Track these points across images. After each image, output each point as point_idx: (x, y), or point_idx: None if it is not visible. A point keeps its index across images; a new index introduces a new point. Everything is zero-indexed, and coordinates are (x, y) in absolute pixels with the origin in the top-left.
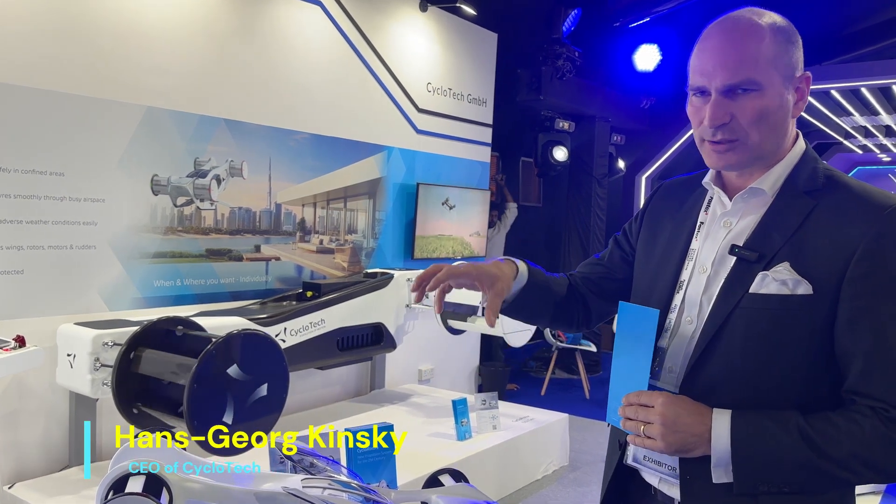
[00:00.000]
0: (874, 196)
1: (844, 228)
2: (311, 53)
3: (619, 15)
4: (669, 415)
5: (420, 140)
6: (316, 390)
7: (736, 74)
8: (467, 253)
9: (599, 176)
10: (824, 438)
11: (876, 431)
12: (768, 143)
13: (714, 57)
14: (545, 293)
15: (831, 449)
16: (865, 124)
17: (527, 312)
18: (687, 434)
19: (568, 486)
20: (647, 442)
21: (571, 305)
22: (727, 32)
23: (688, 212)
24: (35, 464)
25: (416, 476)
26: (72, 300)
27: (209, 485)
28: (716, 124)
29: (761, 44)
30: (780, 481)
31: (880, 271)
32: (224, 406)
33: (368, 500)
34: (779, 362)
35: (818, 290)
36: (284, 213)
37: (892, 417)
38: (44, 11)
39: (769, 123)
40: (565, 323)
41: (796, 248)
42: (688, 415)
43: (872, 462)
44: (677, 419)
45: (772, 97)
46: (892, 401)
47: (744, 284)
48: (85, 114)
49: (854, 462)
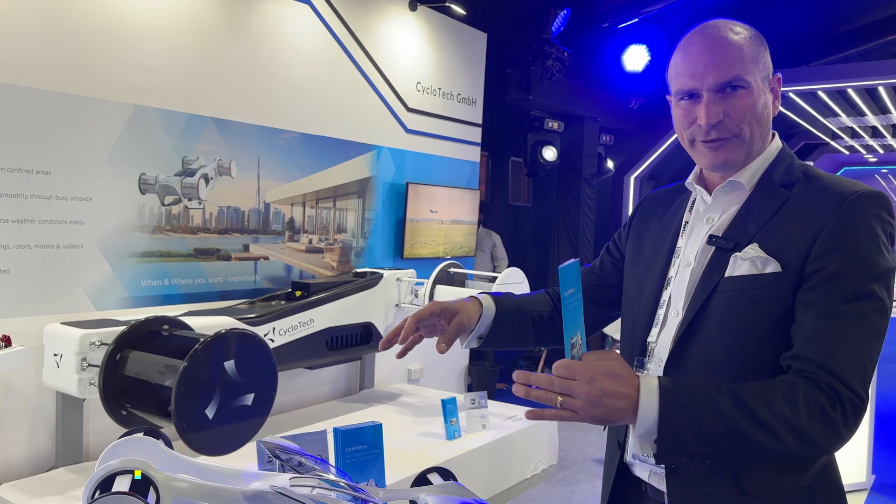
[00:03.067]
0: (842, 184)
1: (812, 213)
2: (301, 52)
3: (608, 15)
4: (594, 388)
5: (409, 139)
6: (305, 390)
7: (726, 73)
8: (456, 253)
9: (588, 176)
10: (754, 401)
11: (805, 395)
12: (756, 139)
13: (702, 58)
14: (520, 316)
15: (760, 412)
16: (852, 125)
17: (508, 339)
18: (611, 408)
19: (557, 485)
20: (565, 414)
21: (556, 320)
22: (711, 36)
23: (673, 214)
24: (21, 464)
25: (404, 475)
26: (58, 299)
27: (196, 484)
28: (711, 122)
29: (743, 45)
30: (704, 449)
31: (841, 249)
32: (212, 406)
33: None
34: (754, 343)
35: (786, 268)
36: (273, 212)
37: (821, 381)
38: (30, 9)
39: (757, 120)
40: (552, 338)
41: (769, 233)
42: (613, 383)
43: (796, 426)
44: (603, 395)
45: (757, 95)
46: (826, 366)
47: (720, 270)
48: (72, 112)
49: (780, 426)
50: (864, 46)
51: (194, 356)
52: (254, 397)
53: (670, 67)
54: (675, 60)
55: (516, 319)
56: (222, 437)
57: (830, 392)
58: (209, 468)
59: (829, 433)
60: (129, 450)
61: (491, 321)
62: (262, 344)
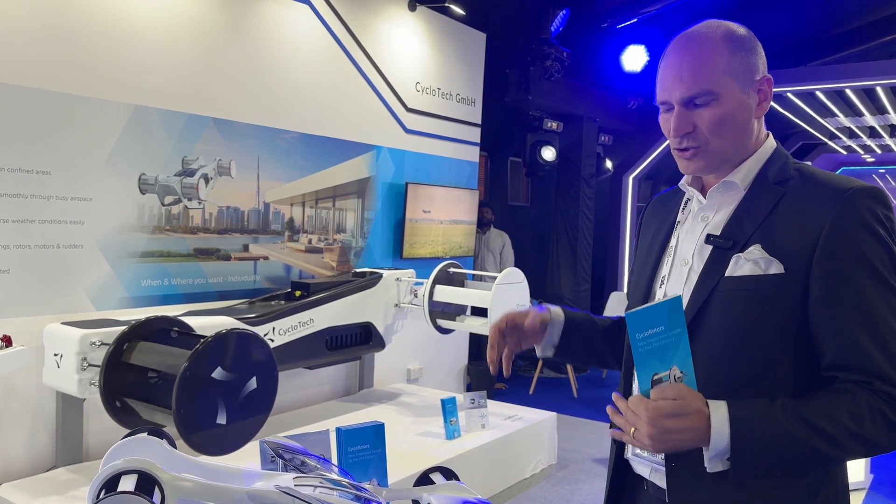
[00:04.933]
0: (837, 181)
1: (810, 211)
2: (300, 52)
3: (607, 16)
4: (656, 428)
5: (409, 139)
6: (305, 390)
7: (691, 87)
8: (455, 253)
9: (587, 176)
10: (819, 420)
11: (867, 404)
12: (730, 146)
13: (671, 72)
14: (590, 326)
15: (825, 429)
16: (850, 125)
17: (581, 349)
18: (681, 441)
19: (556, 485)
20: (640, 443)
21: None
22: (682, 49)
23: (668, 214)
24: (21, 464)
25: (405, 475)
26: (58, 299)
27: (201, 483)
28: (679, 133)
29: (715, 55)
30: (775, 467)
31: (845, 248)
32: (213, 406)
33: (359, 498)
34: (757, 343)
35: (789, 270)
36: (273, 212)
37: (877, 390)
38: (30, 9)
39: (730, 128)
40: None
41: (767, 232)
42: (675, 422)
43: (862, 436)
44: (667, 428)
45: (730, 103)
46: (876, 373)
47: (720, 269)
48: (72, 112)
49: (846, 438)
50: (862, 47)
51: (195, 357)
52: (254, 397)
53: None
54: (658, 70)
55: (586, 328)
56: (223, 437)
57: (888, 398)
58: (213, 468)
59: (895, 436)
60: (133, 450)
61: (561, 328)
62: (263, 344)
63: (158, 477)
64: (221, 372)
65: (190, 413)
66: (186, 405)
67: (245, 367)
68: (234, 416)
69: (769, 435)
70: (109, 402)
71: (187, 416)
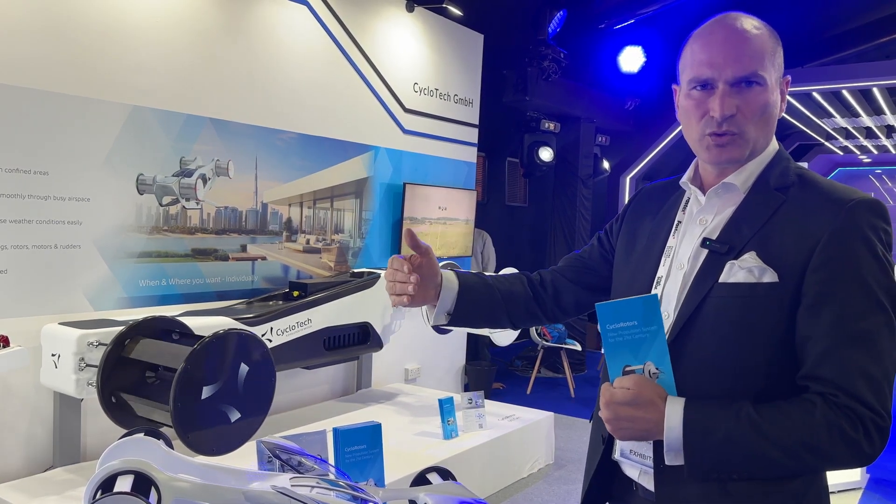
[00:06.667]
0: (838, 191)
1: (809, 220)
2: (298, 53)
3: (604, 16)
4: (611, 413)
5: (407, 140)
6: (302, 390)
7: (746, 67)
8: (453, 253)
9: (584, 176)
10: (773, 427)
11: (825, 418)
12: (762, 137)
13: (724, 49)
14: (487, 291)
15: (779, 438)
16: (846, 126)
17: (478, 315)
18: (635, 430)
19: (553, 484)
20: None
21: (537, 298)
22: (734, 28)
23: (666, 212)
24: (18, 465)
25: (403, 475)
26: (56, 300)
27: (197, 484)
28: (726, 115)
29: (765, 41)
30: (730, 469)
31: (841, 261)
32: (211, 405)
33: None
34: (748, 351)
35: (783, 279)
36: (271, 212)
37: (840, 403)
38: (30, 9)
39: (766, 118)
40: (529, 318)
41: (764, 239)
42: (634, 410)
43: (817, 448)
44: (619, 415)
45: (771, 93)
46: (843, 386)
47: (714, 275)
48: (70, 112)
49: (800, 450)
50: (859, 48)
51: (193, 357)
52: (252, 397)
53: (685, 55)
54: (693, 48)
55: (482, 293)
56: (220, 437)
57: (850, 413)
58: (210, 468)
59: (854, 452)
60: (130, 450)
61: (455, 295)
62: (261, 344)
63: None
64: (219, 372)
65: (187, 410)
66: (184, 402)
67: (243, 367)
68: (231, 416)
69: (720, 436)
70: (106, 400)
71: (185, 413)
